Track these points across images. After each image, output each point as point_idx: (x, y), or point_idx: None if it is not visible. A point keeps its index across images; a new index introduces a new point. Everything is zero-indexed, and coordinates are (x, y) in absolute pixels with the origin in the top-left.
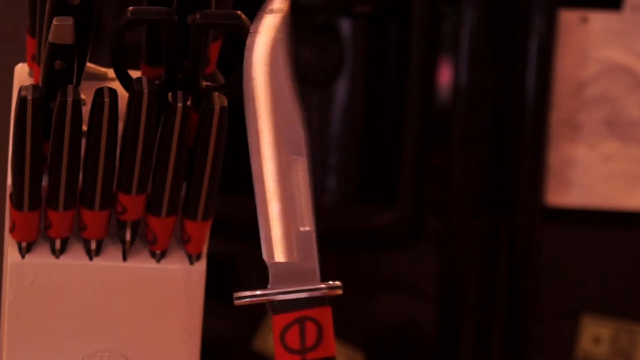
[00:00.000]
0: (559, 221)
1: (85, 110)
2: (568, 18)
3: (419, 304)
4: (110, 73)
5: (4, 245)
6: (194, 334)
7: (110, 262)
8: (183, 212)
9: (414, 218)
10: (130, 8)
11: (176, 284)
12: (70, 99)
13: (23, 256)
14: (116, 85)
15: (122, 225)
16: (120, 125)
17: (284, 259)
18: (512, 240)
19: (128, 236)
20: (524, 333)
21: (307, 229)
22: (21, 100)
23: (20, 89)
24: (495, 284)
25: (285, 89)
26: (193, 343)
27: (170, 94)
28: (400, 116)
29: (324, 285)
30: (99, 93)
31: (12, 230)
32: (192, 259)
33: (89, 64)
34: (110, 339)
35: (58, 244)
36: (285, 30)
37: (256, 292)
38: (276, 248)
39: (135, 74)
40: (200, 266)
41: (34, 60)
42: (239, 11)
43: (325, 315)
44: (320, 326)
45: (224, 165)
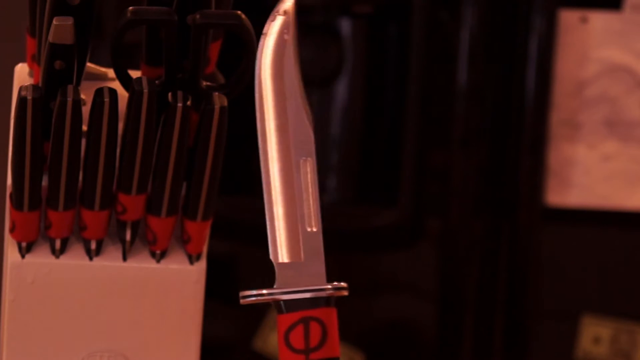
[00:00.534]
0: (559, 221)
1: (85, 110)
2: (568, 18)
3: (419, 304)
4: (110, 73)
5: (4, 245)
6: (194, 334)
7: (110, 262)
8: (183, 212)
9: (414, 218)
10: (130, 8)
11: (176, 284)
12: (70, 99)
13: (23, 256)
14: (116, 85)
15: (122, 225)
16: (120, 125)
17: (290, 259)
18: (512, 240)
19: (128, 236)
20: (524, 333)
21: (314, 229)
22: (21, 100)
23: (20, 89)
24: (495, 284)
25: (295, 91)
26: (193, 343)
27: (170, 94)
28: (400, 116)
29: (329, 286)
30: (99, 93)
31: (12, 230)
32: (192, 259)
33: (89, 64)
34: (110, 339)
35: (58, 244)
36: (293, 31)
37: (262, 292)
38: (282, 248)
39: (135, 74)
40: (200, 266)
41: (34, 60)
42: (239, 11)
43: (330, 315)
44: (324, 327)
45: (224, 165)
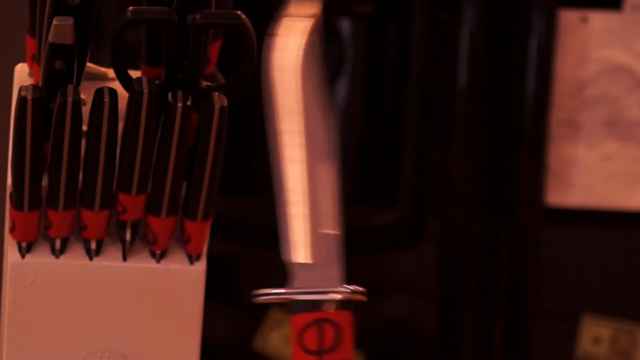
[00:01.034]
0: (559, 221)
1: (85, 110)
2: (568, 18)
3: (419, 304)
4: (110, 73)
5: (4, 245)
6: (194, 334)
7: (110, 262)
8: (183, 212)
9: (414, 218)
10: (130, 8)
11: (176, 284)
12: (70, 99)
13: (23, 256)
14: (116, 85)
15: (122, 225)
16: (120, 125)
17: (307, 260)
18: (512, 240)
19: (128, 236)
20: (524, 333)
21: (332, 232)
22: (21, 100)
23: (20, 89)
24: (495, 284)
25: (314, 92)
26: (193, 343)
27: (170, 94)
28: (400, 116)
29: (345, 289)
30: (99, 93)
31: (12, 230)
32: (192, 259)
33: (89, 64)
34: (110, 339)
35: (58, 244)
36: (316, 34)
37: (277, 290)
38: (299, 249)
39: (135, 74)
40: (200, 266)
41: (34, 60)
42: (239, 11)
43: (345, 319)
44: (339, 329)
45: (224, 165)
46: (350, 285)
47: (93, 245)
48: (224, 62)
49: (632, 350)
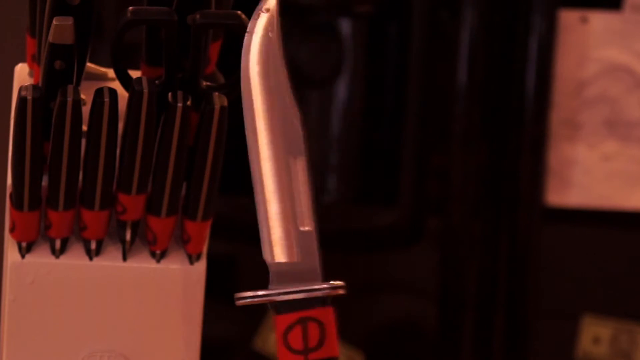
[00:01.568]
0: (559, 221)
1: (85, 110)
2: (568, 18)
3: (419, 304)
4: (110, 73)
5: (4, 245)
6: (194, 334)
7: (110, 262)
8: (183, 212)
9: (414, 218)
10: (130, 8)
11: (176, 284)
12: (70, 99)
13: (23, 256)
14: (116, 85)
15: (122, 225)
16: (120, 125)
17: (284, 258)
18: (512, 240)
19: (128, 236)
20: (524, 333)
21: (308, 228)
22: (21, 100)
23: (20, 89)
24: (495, 284)
25: (282, 89)
26: (193, 343)
27: (170, 94)
28: (400, 116)
29: (326, 285)
30: (99, 93)
31: (12, 230)
32: (192, 259)
33: (89, 64)
34: (110, 339)
35: (58, 244)
36: (278, 29)
37: (258, 293)
38: (277, 248)
39: (135, 74)
40: (200, 266)
41: (34, 60)
42: (239, 11)
43: (328, 315)
44: (323, 326)
45: (224, 165)
46: (330, 281)
47: (93, 245)
48: (224, 62)
49: (632, 350)
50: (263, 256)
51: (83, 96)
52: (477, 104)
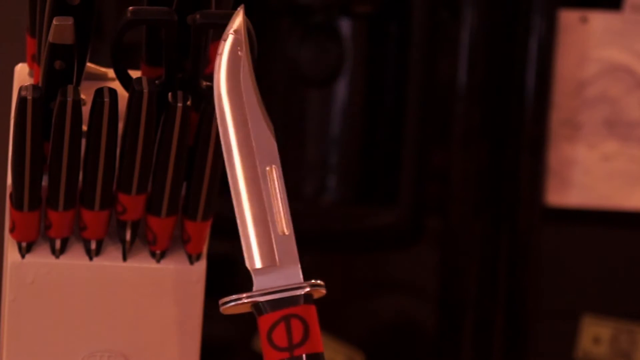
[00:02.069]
0: (559, 221)
1: (85, 110)
2: (568, 18)
3: (419, 304)
4: (110, 73)
5: (4, 245)
6: (194, 334)
7: (110, 262)
8: (183, 212)
9: (414, 218)
10: (130, 8)
11: (176, 284)
12: (70, 99)
13: (23, 256)
14: (116, 85)
15: (122, 225)
16: (120, 125)
17: (264, 263)
18: (512, 240)
19: (128, 236)
20: (524, 333)
21: (286, 233)
22: (21, 100)
23: (20, 89)
24: (495, 284)
25: (253, 103)
26: (193, 343)
27: (170, 94)
28: (400, 116)
29: (306, 284)
30: (99, 93)
31: (12, 230)
32: (192, 259)
33: (89, 64)
34: (110, 339)
35: (58, 244)
36: (246, 47)
37: (241, 296)
38: (257, 254)
39: (135, 74)
40: (200, 266)
41: (34, 60)
42: None
43: (310, 312)
44: (306, 323)
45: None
46: (309, 280)
47: (93, 245)
48: None
49: (632, 350)
50: (245, 263)
51: (83, 96)
52: (477, 104)
